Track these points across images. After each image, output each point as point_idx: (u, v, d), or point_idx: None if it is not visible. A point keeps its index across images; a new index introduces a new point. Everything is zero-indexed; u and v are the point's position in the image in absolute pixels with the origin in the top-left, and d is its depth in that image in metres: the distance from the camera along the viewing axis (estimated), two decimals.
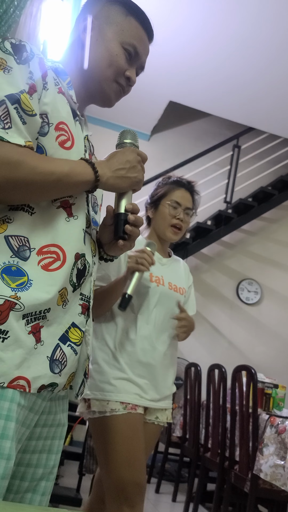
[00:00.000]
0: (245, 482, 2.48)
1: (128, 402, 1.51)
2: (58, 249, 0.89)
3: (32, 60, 0.88)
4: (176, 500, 3.54)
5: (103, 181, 0.93)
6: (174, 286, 1.69)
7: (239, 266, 5.49)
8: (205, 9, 3.61)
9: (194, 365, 3.61)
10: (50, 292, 0.86)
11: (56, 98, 0.92)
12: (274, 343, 5.37)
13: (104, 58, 0.99)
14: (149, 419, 1.61)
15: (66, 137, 0.92)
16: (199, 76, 4.43)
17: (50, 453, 0.94)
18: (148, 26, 1.04)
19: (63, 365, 0.90)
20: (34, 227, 0.88)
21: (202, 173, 5.35)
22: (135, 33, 1.01)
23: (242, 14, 3.60)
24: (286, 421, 2.35)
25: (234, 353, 5.21)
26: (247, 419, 2.60)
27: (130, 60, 1.02)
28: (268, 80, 4.31)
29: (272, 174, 5.62)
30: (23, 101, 0.84)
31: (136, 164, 0.97)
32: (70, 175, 0.87)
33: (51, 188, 0.87)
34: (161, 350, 1.60)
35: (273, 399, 3.04)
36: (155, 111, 5.18)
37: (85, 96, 1.03)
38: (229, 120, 5.21)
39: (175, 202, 1.69)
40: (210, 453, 3.14)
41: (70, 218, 0.92)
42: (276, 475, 2.24)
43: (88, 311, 0.98)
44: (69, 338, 0.91)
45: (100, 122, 5.36)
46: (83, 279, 0.95)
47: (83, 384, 1.00)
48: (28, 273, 0.85)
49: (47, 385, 0.87)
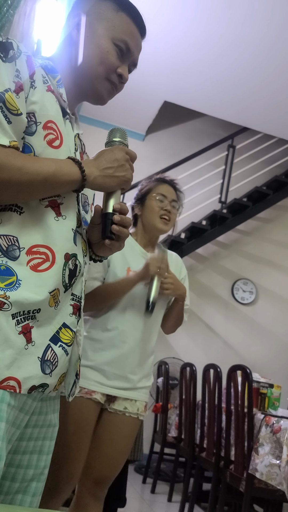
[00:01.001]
0: (241, 481, 2.48)
1: (84, 387, 1.55)
2: (47, 250, 0.88)
3: (19, 58, 0.86)
4: (172, 500, 3.54)
5: (90, 180, 0.92)
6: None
7: (234, 266, 5.50)
8: (199, 8, 3.61)
9: (189, 365, 3.61)
10: (39, 293, 0.86)
11: (45, 97, 0.91)
12: (269, 343, 5.38)
13: (95, 55, 0.97)
14: (118, 410, 1.61)
15: (54, 136, 0.91)
16: (194, 76, 4.43)
17: (41, 454, 0.94)
18: (140, 22, 1.02)
19: (54, 366, 0.89)
20: (23, 226, 0.87)
21: (197, 173, 5.36)
22: (127, 29, 0.99)
23: (235, 13, 3.60)
24: (281, 420, 2.35)
25: (229, 353, 5.22)
26: (243, 418, 2.61)
27: (122, 56, 1.00)
28: (262, 80, 4.32)
29: (267, 174, 5.64)
30: (8, 100, 0.83)
31: (125, 163, 0.96)
32: (57, 175, 0.86)
33: (38, 188, 0.86)
34: (132, 344, 1.62)
35: (269, 399, 3.04)
36: (149, 111, 5.18)
37: (77, 94, 1.02)
38: (224, 120, 5.22)
39: (161, 195, 1.74)
40: (205, 453, 3.14)
41: (59, 218, 0.91)
42: (272, 474, 2.24)
43: (79, 311, 0.97)
44: (60, 339, 0.91)
45: (95, 122, 5.36)
46: (74, 279, 0.94)
47: (75, 385, 0.99)
48: (17, 273, 0.85)
49: (38, 385, 0.87)
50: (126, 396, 1.62)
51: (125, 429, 1.63)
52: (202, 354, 5.08)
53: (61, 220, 0.92)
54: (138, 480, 4.08)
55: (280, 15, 3.55)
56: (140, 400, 1.65)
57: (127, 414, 1.62)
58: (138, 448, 2.37)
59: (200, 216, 5.36)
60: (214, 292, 5.36)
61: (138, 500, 3.46)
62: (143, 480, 4.01)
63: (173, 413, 3.99)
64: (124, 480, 2.34)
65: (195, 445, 3.37)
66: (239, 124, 5.20)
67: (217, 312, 5.33)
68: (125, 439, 1.63)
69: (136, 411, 1.64)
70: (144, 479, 4.02)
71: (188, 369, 3.63)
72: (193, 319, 5.12)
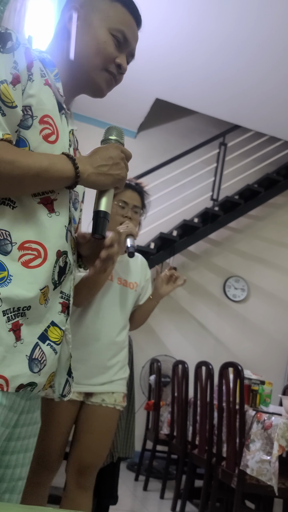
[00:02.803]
0: (232, 478, 2.49)
1: None
2: (39, 246, 0.87)
3: (17, 49, 0.85)
4: (164, 497, 3.55)
5: (84, 178, 0.90)
6: (123, 281, 1.81)
7: (226, 264, 5.51)
8: (191, 6, 3.60)
9: (181, 362, 3.62)
10: (30, 290, 0.84)
11: (42, 90, 0.89)
12: (261, 340, 5.41)
13: (92, 46, 0.96)
14: (96, 402, 1.70)
15: (50, 130, 0.89)
16: (186, 74, 4.43)
17: (27, 452, 0.93)
18: (135, 12, 1.00)
19: (42, 364, 0.88)
20: (16, 221, 0.85)
21: (188, 170, 5.36)
22: (122, 19, 0.98)
23: (227, 10, 3.60)
24: (272, 417, 2.37)
25: (221, 350, 5.24)
26: (234, 415, 2.62)
27: (120, 46, 0.98)
28: (254, 78, 4.33)
29: (258, 171, 5.65)
30: (3, 92, 0.81)
31: (120, 161, 0.95)
32: (49, 171, 0.85)
33: (30, 183, 0.84)
34: (104, 340, 1.70)
35: (260, 396, 3.06)
36: (141, 108, 5.17)
37: (74, 88, 1.00)
38: (216, 118, 5.22)
39: (123, 201, 1.80)
40: (197, 449, 3.15)
41: (52, 214, 0.90)
42: (262, 470, 2.26)
43: (68, 310, 0.96)
44: (48, 337, 0.89)
45: (86, 119, 5.33)
46: (63, 277, 0.93)
47: (68, 384, 0.98)
48: (9, 268, 0.83)
49: (26, 384, 0.86)
50: (103, 391, 1.70)
51: (103, 419, 1.71)
52: (194, 351, 5.09)
53: (54, 216, 0.90)
54: (130, 477, 4.08)
55: (272, 14, 3.55)
56: (117, 391, 1.74)
57: (103, 405, 1.70)
58: (130, 446, 2.37)
59: (192, 214, 5.37)
60: (206, 290, 5.38)
61: (131, 498, 3.47)
62: (135, 478, 4.02)
63: (165, 411, 3.99)
64: (116, 477, 2.34)
65: (187, 442, 3.39)
66: (230, 122, 5.21)
67: (209, 309, 5.35)
68: (103, 429, 1.71)
69: (114, 402, 1.72)
70: (137, 476, 4.03)
71: (180, 367, 3.64)
72: (185, 317, 5.13)
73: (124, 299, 1.79)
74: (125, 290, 1.80)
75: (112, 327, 1.74)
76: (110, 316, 1.74)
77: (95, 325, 1.70)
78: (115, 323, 1.75)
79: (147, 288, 1.93)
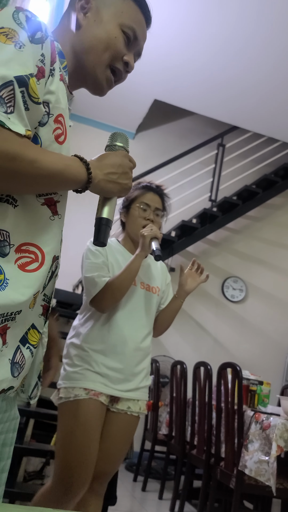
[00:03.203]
0: (231, 478, 2.50)
1: (91, 389, 1.61)
2: (37, 250, 0.84)
3: (45, 41, 0.80)
4: (163, 497, 3.55)
5: (94, 183, 0.87)
6: (146, 286, 1.79)
7: (224, 264, 5.52)
8: (190, 7, 3.61)
9: (180, 363, 3.63)
10: (25, 294, 0.82)
11: (59, 87, 0.85)
12: (259, 340, 5.42)
13: (102, 40, 0.93)
14: (121, 409, 1.68)
15: (61, 131, 0.86)
16: (184, 75, 4.43)
17: (4, 446, 0.90)
18: (147, 11, 0.99)
19: (21, 368, 0.85)
20: (17, 221, 0.82)
21: (187, 171, 5.37)
22: (134, 16, 0.96)
23: (226, 12, 3.61)
24: (270, 417, 2.37)
25: (219, 350, 5.24)
26: (232, 416, 2.62)
27: (129, 44, 0.96)
28: (252, 80, 4.34)
29: (256, 172, 5.67)
30: (32, 86, 0.76)
31: (128, 171, 0.92)
32: (64, 173, 0.82)
33: (43, 183, 0.81)
34: (132, 346, 1.69)
35: (258, 396, 3.07)
36: (140, 109, 5.18)
37: (75, 81, 0.97)
38: (214, 119, 5.23)
39: (145, 204, 1.78)
40: (196, 450, 3.15)
41: (55, 217, 0.88)
42: (261, 470, 2.26)
43: (47, 313, 0.93)
44: (28, 340, 0.87)
45: (85, 120, 5.34)
46: (51, 280, 0.91)
47: (37, 387, 0.96)
48: (5, 271, 0.80)
49: (7, 388, 0.83)
50: (130, 397, 1.68)
51: (126, 427, 1.69)
52: (192, 352, 5.10)
53: (56, 219, 0.88)
54: (129, 478, 4.08)
55: (271, 15, 3.56)
56: (142, 399, 1.73)
57: (128, 413, 1.69)
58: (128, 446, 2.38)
59: (190, 215, 5.38)
60: (205, 290, 5.38)
61: (129, 498, 3.47)
62: (134, 478, 4.02)
63: (163, 411, 4.00)
64: (115, 478, 2.34)
65: (185, 442, 3.39)
66: (229, 123, 5.22)
67: (207, 310, 5.35)
68: (125, 437, 1.70)
69: (138, 409, 1.71)
70: (135, 477, 4.03)
71: (179, 367, 3.64)
72: (183, 317, 5.13)
73: (148, 304, 1.76)
74: (149, 295, 1.77)
75: (139, 332, 1.71)
76: (136, 321, 1.71)
77: (122, 331, 1.68)
78: (141, 328, 1.72)
79: (168, 293, 1.89)
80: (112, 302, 1.65)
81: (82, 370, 1.64)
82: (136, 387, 1.69)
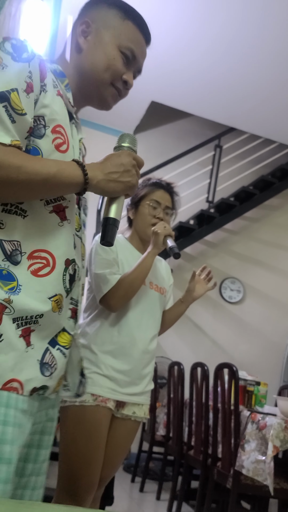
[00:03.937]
0: (227, 478, 2.50)
1: (99, 395, 1.55)
2: (48, 255, 0.89)
3: (32, 60, 0.88)
4: (160, 498, 3.55)
5: (93, 184, 0.91)
6: (155, 286, 1.74)
7: (222, 265, 5.53)
8: (187, 9, 3.63)
9: (177, 363, 3.63)
10: (37, 298, 0.86)
11: (54, 101, 0.92)
12: (257, 341, 5.43)
13: (102, 61, 1.00)
14: (126, 415, 1.64)
15: (62, 140, 0.92)
16: (181, 76, 4.45)
17: (40, 448, 0.95)
18: (146, 30, 1.05)
19: (53, 368, 0.90)
20: (27, 231, 0.87)
21: (184, 172, 5.38)
22: (133, 37, 1.03)
23: (224, 14, 3.63)
24: (266, 417, 2.38)
25: (217, 351, 5.25)
26: (229, 416, 2.63)
27: (128, 63, 1.03)
28: (249, 81, 4.36)
29: (254, 173, 5.68)
30: (13, 99, 0.83)
31: (131, 168, 0.95)
32: (58, 176, 0.86)
33: (38, 188, 0.85)
34: (140, 347, 1.63)
35: (255, 396, 3.07)
36: (137, 111, 5.19)
37: (82, 99, 1.04)
38: (211, 120, 5.24)
39: (155, 201, 1.74)
40: (193, 451, 3.16)
41: (64, 222, 0.92)
42: (258, 470, 2.27)
43: (76, 315, 0.98)
44: (58, 342, 0.92)
45: (82, 121, 5.32)
46: (73, 284, 0.95)
47: (82, 384, 1.01)
48: (18, 278, 0.85)
49: (39, 387, 0.88)
50: (136, 401, 1.64)
51: (129, 434, 1.66)
52: (190, 353, 5.11)
53: (66, 224, 0.92)
54: (127, 479, 4.09)
55: (270, 18, 3.58)
56: (146, 404, 1.69)
57: (133, 418, 1.65)
58: None
59: (187, 216, 5.39)
60: None
61: (127, 499, 3.48)
62: (132, 479, 4.02)
63: (161, 412, 4.00)
64: (112, 478, 2.35)
65: (183, 443, 3.39)
66: (226, 125, 5.23)
67: (205, 311, 5.36)
68: (127, 443, 1.66)
69: (143, 414, 1.67)
70: (133, 478, 4.03)
71: (176, 368, 3.65)
72: (181, 318, 5.07)
73: (157, 305, 1.73)
74: (158, 296, 1.73)
75: (147, 333, 1.67)
76: (145, 322, 1.67)
77: (132, 332, 1.62)
78: (149, 329, 1.68)
79: (170, 295, 1.86)
80: (123, 301, 1.59)
81: (89, 374, 1.56)
82: (141, 391, 1.65)
